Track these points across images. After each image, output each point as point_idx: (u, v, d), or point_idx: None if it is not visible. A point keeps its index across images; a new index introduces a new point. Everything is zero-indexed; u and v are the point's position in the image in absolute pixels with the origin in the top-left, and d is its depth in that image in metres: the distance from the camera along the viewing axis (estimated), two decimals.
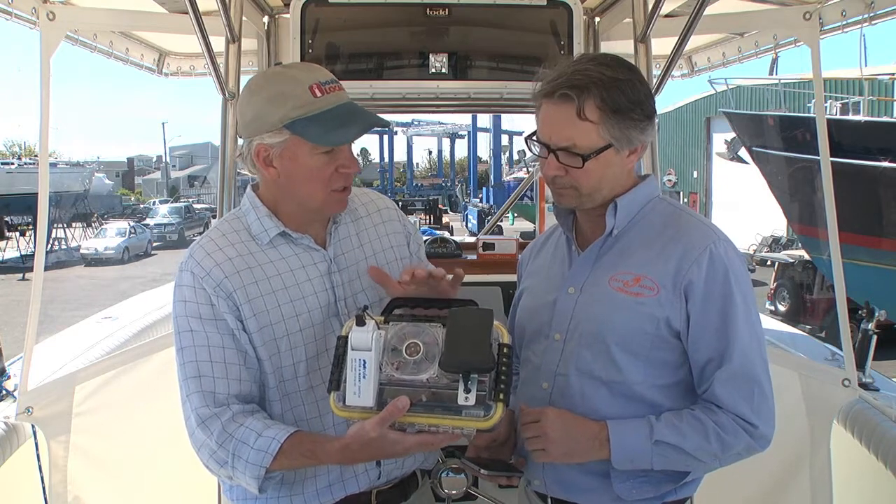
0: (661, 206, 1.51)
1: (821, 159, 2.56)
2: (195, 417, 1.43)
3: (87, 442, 2.42)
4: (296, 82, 1.44)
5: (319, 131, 1.42)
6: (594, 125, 1.38)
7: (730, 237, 1.46)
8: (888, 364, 6.03)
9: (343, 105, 1.46)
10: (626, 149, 1.43)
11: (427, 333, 1.34)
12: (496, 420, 1.28)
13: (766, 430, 1.40)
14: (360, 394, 1.30)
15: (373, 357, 1.30)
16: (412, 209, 26.69)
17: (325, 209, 1.53)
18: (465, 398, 1.28)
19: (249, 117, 1.46)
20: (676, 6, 2.84)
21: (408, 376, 1.31)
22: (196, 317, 1.46)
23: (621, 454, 1.40)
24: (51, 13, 2.21)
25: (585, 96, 1.37)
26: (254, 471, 1.38)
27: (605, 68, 1.39)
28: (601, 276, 1.47)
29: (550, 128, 1.42)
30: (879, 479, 2.16)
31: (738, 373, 1.38)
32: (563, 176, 1.43)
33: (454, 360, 1.28)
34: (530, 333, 1.58)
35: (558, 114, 1.40)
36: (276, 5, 2.91)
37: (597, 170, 1.41)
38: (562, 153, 1.40)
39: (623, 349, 1.42)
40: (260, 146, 1.45)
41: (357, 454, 1.35)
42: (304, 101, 1.42)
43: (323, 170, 1.46)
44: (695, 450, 1.38)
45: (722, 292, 1.39)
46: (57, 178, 26.96)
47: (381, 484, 1.58)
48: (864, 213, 10.20)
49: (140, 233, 26.69)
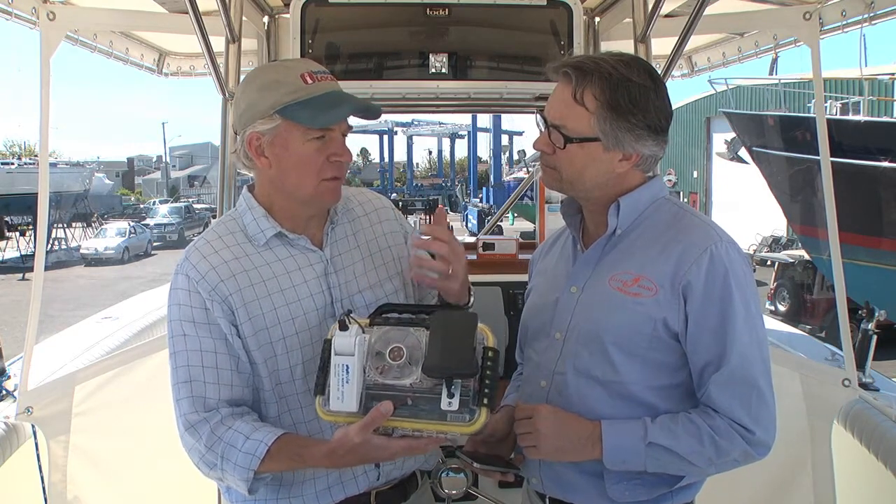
0: (665, 206, 1.49)
1: (821, 159, 2.56)
2: (183, 422, 1.43)
3: (87, 442, 2.42)
4: (287, 70, 1.46)
5: (310, 114, 1.42)
6: (588, 113, 1.39)
7: (733, 238, 1.43)
8: (888, 364, 6.03)
9: (331, 92, 1.46)
10: (617, 150, 1.41)
11: (410, 337, 1.33)
12: (480, 425, 1.27)
13: (765, 436, 1.37)
14: (344, 399, 1.29)
15: (356, 362, 1.29)
16: (412, 209, 26.58)
17: (317, 199, 1.51)
18: (449, 403, 1.27)
19: (243, 107, 1.47)
20: (676, 6, 2.84)
21: (391, 381, 1.30)
22: (189, 321, 1.46)
23: (613, 454, 1.38)
24: (51, 13, 2.21)
25: (586, 82, 1.38)
26: (242, 473, 1.38)
27: (623, 66, 1.39)
28: (602, 276, 1.46)
29: (552, 105, 1.45)
30: (880, 480, 2.15)
31: (735, 377, 1.36)
32: (550, 155, 1.45)
33: (437, 364, 1.27)
34: (533, 332, 1.59)
35: (559, 91, 1.43)
36: (276, 5, 2.91)
37: (579, 158, 1.41)
38: (553, 130, 1.42)
39: (620, 349, 1.41)
40: (252, 134, 1.45)
41: (343, 459, 1.35)
42: (296, 87, 1.43)
43: (314, 157, 1.45)
44: (689, 453, 1.36)
45: (721, 294, 1.36)
46: (57, 178, 26.92)
47: (381, 485, 1.58)
48: (864, 213, 10.20)
49: (140, 233, 26.70)
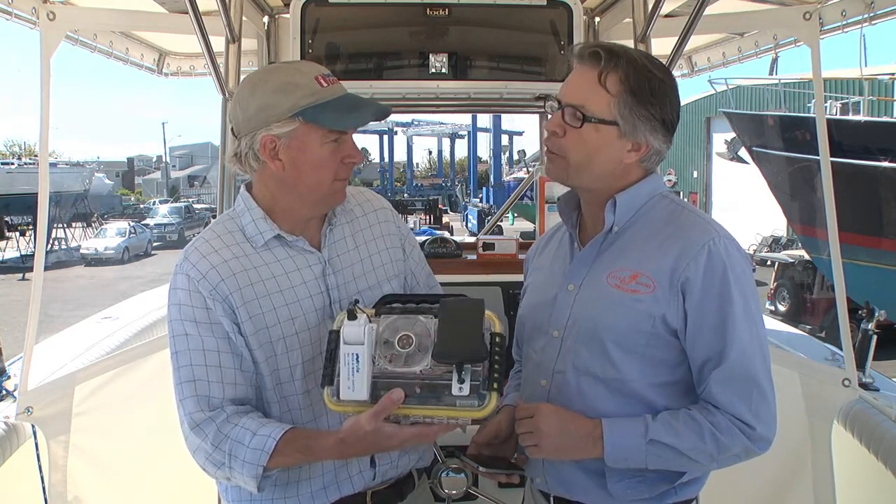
0: (663, 203, 1.48)
1: (821, 159, 2.56)
2: (189, 422, 1.43)
3: (87, 442, 2.42)
4: (301, 73, 1.45)
5: (333, 116, 1.43)
6: (610, 96, 1.39)
7: (733, 235, 1.43)
8: (888, 364, 6.03)
9: (347, 95, 1.48)
10: (630, 138, 1.41)
11: (419, 325, 1.34)
12: (491, 409, 1.29)
13: (765, 431, 1.37)
14: (354, 388, 1.30)
15: (366, 350, 1.30)
16: (412, 209, 26.56)
17: (328, 198, 1.53)
18: (460, 388, 1.28)
19: (254, 110, 1.44)
20: (676, 6, 2.84)
21: (401, 368, 1.32)
22: (191, 320, 1.45)
23: (615, 452, 1.38)
24: (51, 13, 2.21)
25: (613, 64, 1.39)
26: (251, 470, 1.38)
27: (646, 59, 1.42)
28: (600, 273, 1.45)
29: (569, 86, 1.44)
30: (880, 480, 2.15)
31: (735, 373, 1.36)
32: (559, 137, 1.43)
33: (447, 350, 1.29)
34: (530, 330, 1.58)
35: (582, 74, 1.42)
36: (276, 5, 2.91)
37: (592, 141, 1.41)
38: (568, 110, 1.41)
39: (619, 347, 1.40)
40: (266, 137, 1.43)
41: (352, 448, 1.36)
42: (314, 90, 1.43)
43: (330, 158, 1.47)
44: (690, 450, 1.36)
45: (720, 291, 1.36)
46: (57, 178, 26.91)
47: (377, 484, 1.58)
48: (864, 213, 10.20)
49: (140, 233, 26.68)
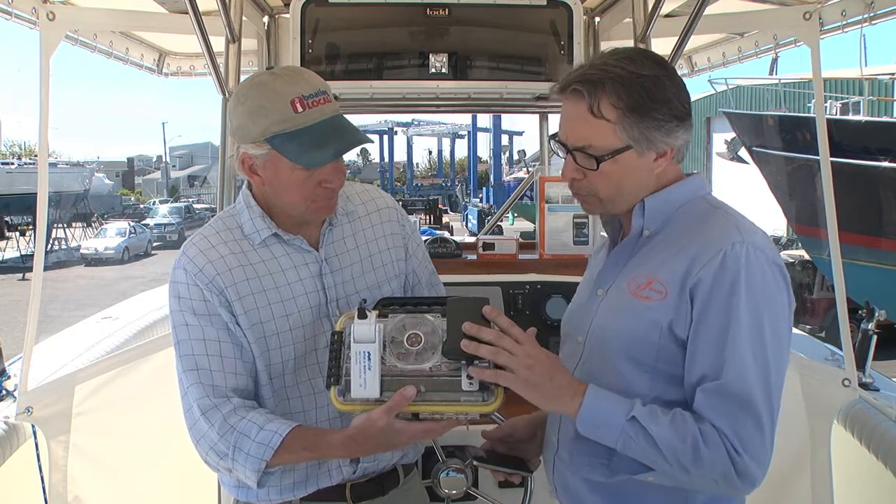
0: (699, 205, 1.36)
1: (821, 159, 2.56)
2: (197, 408, 1.44)
3: (87, 442, 2.42)
4: (277, 95, 1.40)
5: (297, 150, 1.41)
6: (611, 124, 1.28)
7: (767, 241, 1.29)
8: (888, 364, 6.02)
9: (325, 121, 1.42)
10: (651, 151, 1.31)
11: (426, 323, 1.36)
12: (497, 404, 1.31)
13: (753, 467, 1.20)
14: (367, 385, 1.32)
15: (376, 348, 1.32)
16: (412, 209, 26.62)
17: (308, 216, 1.54)
18: (469, 384, 1.31)
19: (234, 126, 1.48)
20: (676, 6, 2.84)
21: (410, 366, 1.34)
22: (191, 312, 1.48)
23: (590, 415, 1.25)
24: (51, 13, 2.21)
25: (599, 92, 1.27)
26: (254, 464, 1.39)
27: (629, 62, 1.29)
28: (624, 279, 1.36)
29: (567, 126, 1.34)
30: (880, 480, 2.15)
31: (727, 390, 1.20)
32: (581, 180, 1.34)
33: (458, 347, 1.30)
34: (563, 334, 1.53)
35: (573, 111, 1.31)
36: (276, 5, 2.91)
37: (615, 173, 1.31)
38: (579, 154, 1.31)
39: (628, 358, 1.30)
40: (245, 154, 1.48)
41: (361, 446, 1.37)
42: (285, 117, 1.40)
43: (304, 184, 1.46)
44: (666, 446, 1.21)
45: (727, 301, 1.21)
46: (57, 178, 26.95)
47: (357, 478, 1.59)
48: (864, 213, 10.18)
49: (140, 233, 26.68)
